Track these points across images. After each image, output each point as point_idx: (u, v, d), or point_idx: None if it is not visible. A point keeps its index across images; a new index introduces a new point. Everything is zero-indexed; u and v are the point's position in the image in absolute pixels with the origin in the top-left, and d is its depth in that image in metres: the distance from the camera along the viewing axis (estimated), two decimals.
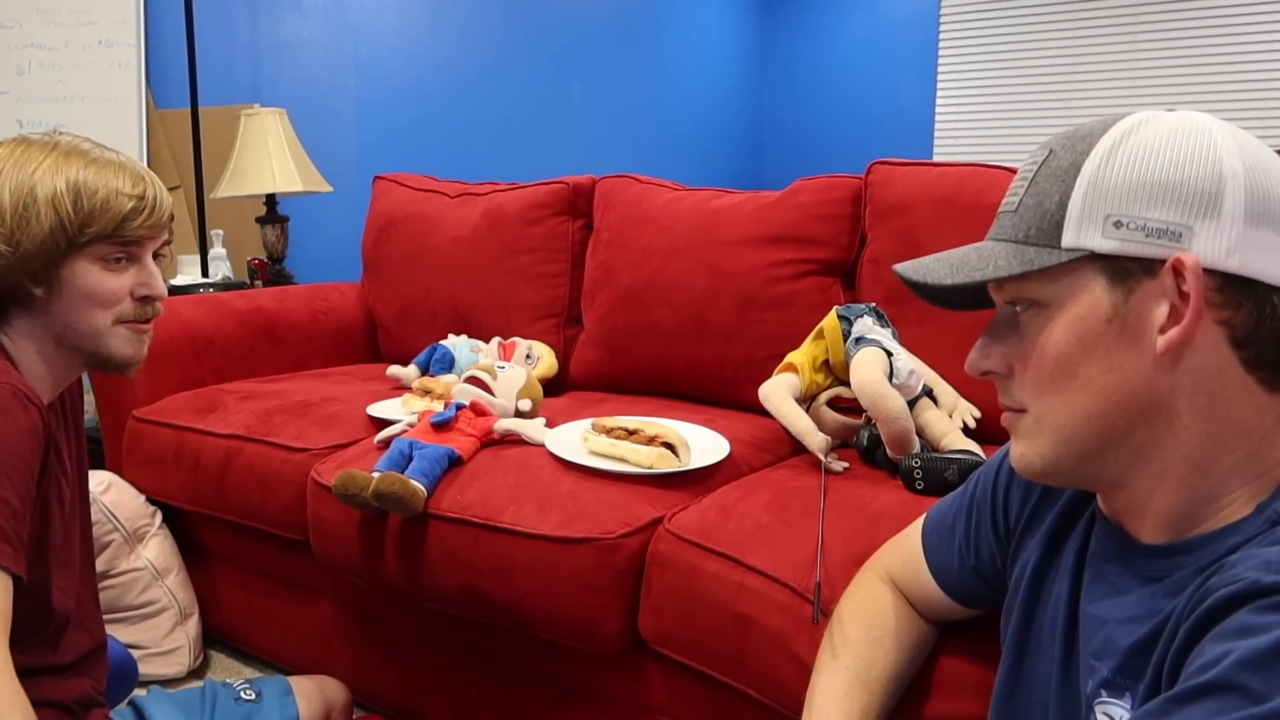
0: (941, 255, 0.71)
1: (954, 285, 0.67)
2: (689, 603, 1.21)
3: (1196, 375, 0.62)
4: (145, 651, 1.77)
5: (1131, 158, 0.63)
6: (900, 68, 4.93)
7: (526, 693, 1.48)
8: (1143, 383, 0.63)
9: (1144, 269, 0.62)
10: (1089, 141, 0.65)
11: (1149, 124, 0.64)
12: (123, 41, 2.78)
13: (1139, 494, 0.66)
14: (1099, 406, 0.64)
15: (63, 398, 1.09)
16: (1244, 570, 0.56)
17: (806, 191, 1.79)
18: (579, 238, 2.08)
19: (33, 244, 0.96)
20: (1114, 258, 0.62)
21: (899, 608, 0.96)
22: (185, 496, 1.77)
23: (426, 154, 3.53)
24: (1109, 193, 0.63)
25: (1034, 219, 0.66)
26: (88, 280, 0.99)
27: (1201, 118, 0.64)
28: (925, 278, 0.69)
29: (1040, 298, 0.66)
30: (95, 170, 0.99)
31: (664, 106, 4.70)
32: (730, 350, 1.79)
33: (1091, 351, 0.64)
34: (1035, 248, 0.65)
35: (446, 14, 3.56)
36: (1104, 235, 0.62)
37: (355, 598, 1.66)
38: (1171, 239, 0.61)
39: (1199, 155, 0.62)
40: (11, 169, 0.97)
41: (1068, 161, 0.65)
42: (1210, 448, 0.63)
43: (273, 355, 2.16)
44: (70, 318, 1.00)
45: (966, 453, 1.31)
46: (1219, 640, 0.54)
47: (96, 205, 0.97)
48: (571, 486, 1.35)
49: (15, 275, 0.96)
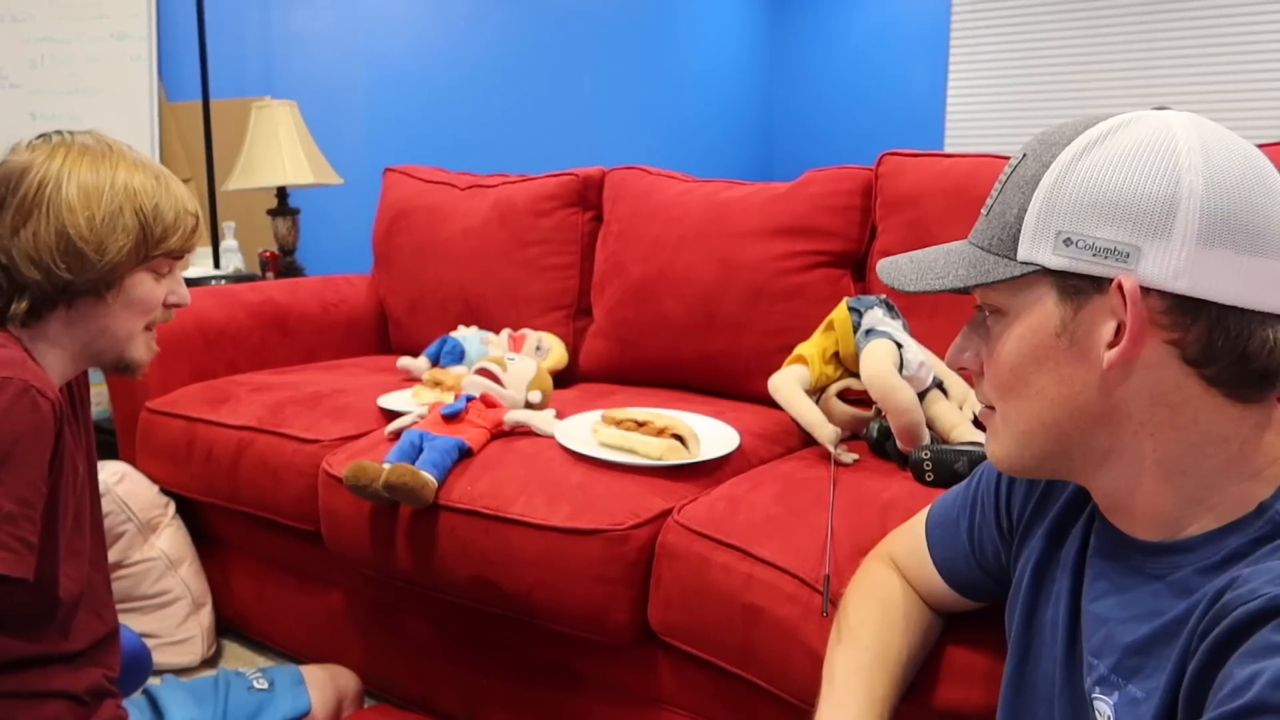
0: (917, 255, 0.73)
1: (915, 291, 0.69)
2: (698, 594, 1.22)
3: (1151, 390, 0.62)
4: (159, 641, 1.79)
5: (1087, 174, 0.62)
6: (912, 58, 4.90)
7: (536, 683, 1.48)
8: (1093, 395, 0.64)
9: (1094, 285, 0.62)
10: (1054, 151, 0.65)
11: (1117, 133, 0.63)
12: (135, 34, 2.79)
13: (1119, 493, 0.67)
14: (1052, 414, 0.66)
15: (70, 385, 1.10)
16: (1261, 585, 0.56)
17: (817, 183, 1.78)
18: (589, 229, 2.08)
19: (118, 253, 1.00)
20: (1064, 274, 0.63)
21: (908, 593, 0.96)
22: (198, 487, 1.78)
23: (436, 146, 3.53)
24: (1061, 209, 0.63)
25: (996, 228, 0.67)
26: (143, 289, 1.04)
27: (1177, 126, 0.62)
28: (893, 282, 0.72)
29: (1000, 305, 0.67)
30: (163, 185, 1.04)
31: (674, 98, 4.69)
32: (740, 342, 1.78)
33: (1042, 363, 0.65)
34: (994, 257, 0.66)
35: (456, 6, 3.56)
36: (1054, 251, 0.63)
37: (366, 588, 1.67)
38: (1118, 259, 0.61)
39: (1156, 173, 0.60)
40: (90, 174, 0.99)
41: (1031, 171, 0.65)
42: (1185, 454, 0.63)
43: (284, 347, 2.17)
44: (113, 322, 1.04)
45: (976, 445, 1.31)
46: (1246, 661, 0.54)
47: (170, 222, 1.03)
48: (581, 478, 1.36)
49: (93, 282, 1.00)
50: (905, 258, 0.73)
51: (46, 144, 1.01)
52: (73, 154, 1.00)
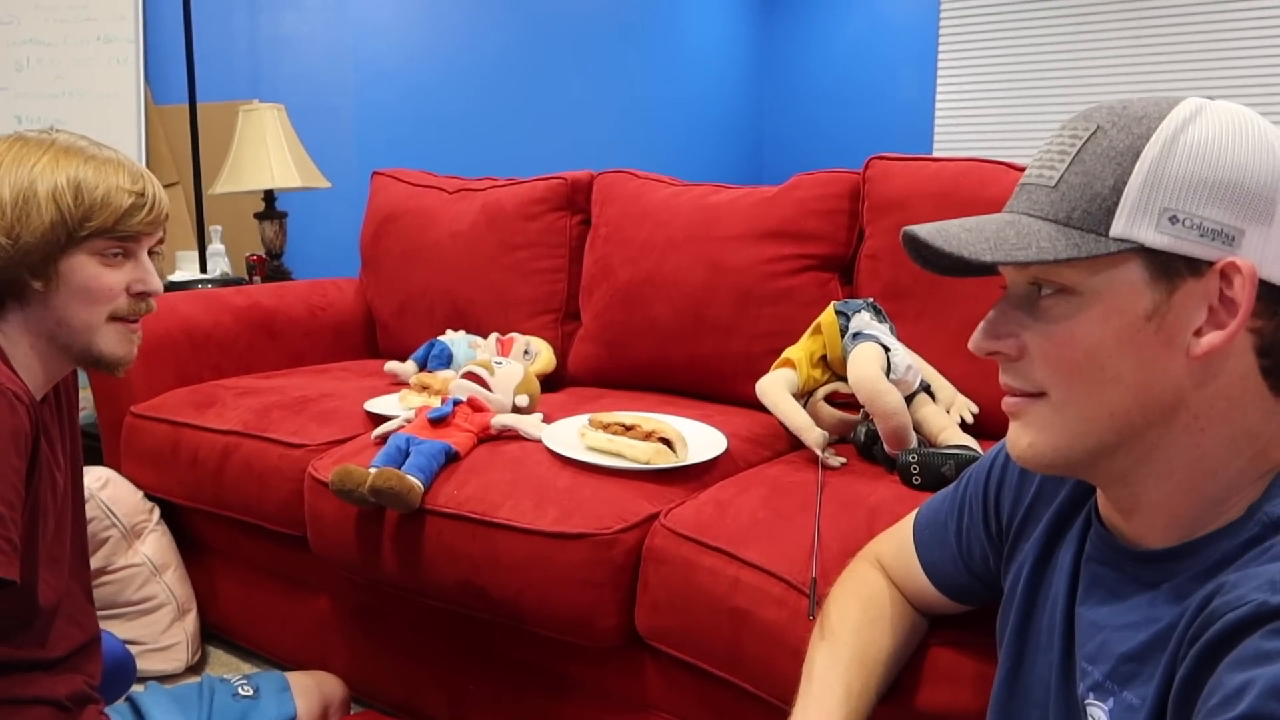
0: (971, 224, 0.65)
1: (992, 262, 0.62)
2: (685, 598, 1.21)
3: (1221, 380, 0.61)
4: (143, 647, 1.77)
5: (1194, 150, 0.59)
6: (900, 63, 4.92)
7: (523, 688, 1.48)
8: (1171, 384, 0.61)
9: (1190, 268, 0.59)
10: (1146, 125, 0.61)
11: (1205, 114, 0.61)
12: (121, 37, 2.78)
13: (1143, 492, 0.65)
14: (1124, 403, 0.62)
15: (57, 390, 1.09)
16: (1249, 592, 0.55)
17: (804, 187, 1.78)
18: (577, 233, 2.08)
19: (33, 237, 0.97)
20: (1163, 254, 0.59)
21: (892, 593, 0.96)
22: (183, 492, 1.77)
23: (425, 149, 3.52)
24: (1168, 184, 0.59)
25: (1080, 200, 0.61)
26: (85, 275, 1.00)
27: (1251, 114, 0.61)
28: (959, 249, 0.63)
29: (1074, 285, 0.62)
30: (95, 166, 1.00)
31: (663, 102, 4.69)
32: (728, 345, 1.78)
33: (1125, 347, 0.61)
34: (1080, 232, 0.61)
35: (446, 9, 3.56)
36: (1158, 229, 0.59)
37: (353, 593, 1.66)
38: (1224, 241, 0.58)
39: (1261, 156, 0.59)
40: (11, 164, 0.98)
41: (1123, 143, 0.61)
42: (1221, 451, 0.62)
43: (271, 351, 2.16)
44: (65, 312, 1.00)
45: (964, 448, 1.31)
46: (1236, 669, 0.53)
47: (97, 200, 0.99)
48: (568, 482, 1.35)
49: (14, 268, 0.97)
50: (957, 224, 0.66)
51: None
52: (1, 147, 0.99)
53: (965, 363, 1.52)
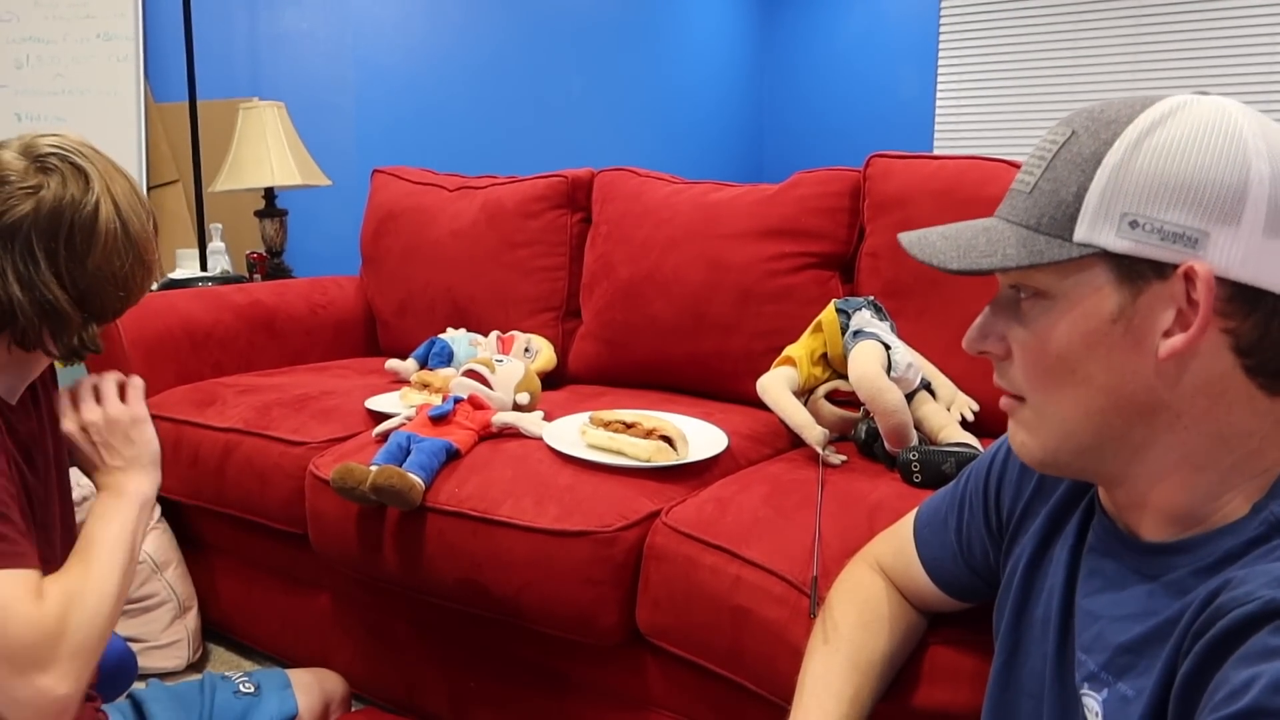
0: (950, 232, 0.68)
1: (958, 270, 0.65)
2: (686, 596, 1.21)
3: (1197, 380, 0.61)
4: (144, 645, 1.78)
5: (1156, 154, 0.60)
6: (901, 60, 4.91)
7: (524, 685, 1.48)
8: (1142, 384, 0.62)
9: (1155, 271, 0.60)
10: (1114, 129, 0.62)
11: (1179, 115, 0.61)
12: (121, 35, 2.78)
13: (1138, 489, 0.66)
14: (1097, 404, 0.63)
15: (34, 389, 1.08)
16: (1256, 588, 0.55)
17: (805, 184, 1.78)
18: (577, 231, 2.08)
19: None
20: (1124, 257, 0.60)
21: (890, 595, 0.96)
22: (184, 490, 1.77)
23: (425, 147, 3.52)
24: (1128, 190, 0.60)
25: (1048, 206, 0.63)
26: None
27: (1235, 111, 0.61)
28: (931, 259, 0.66)
29: (1045, 288, 0.64)
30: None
31: (664, 99, 4.69)
32: (728, 343, 1.78)
33: (1093, 350, 0.62)
34: (1046, 237, 0.63)
35: (446, 7, 3.55)
36: (1118, 234, 0.60)
37: (354, 591, 1.66)
38: (1187, 244, 0.59)
39: (1226, 157, 0.59)
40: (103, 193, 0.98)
41: (1089, 149, 0.62)
42: (1210, 448, 0.62)
43: (271, 349, 2.16)
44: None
45: (964, 446, 1.31)
46: (1242, 665, 0.53)
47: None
48: (569, 480, 1.35)
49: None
50: (935, 233, 0.69)
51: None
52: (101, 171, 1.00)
53: (965, 360, 1.52)
